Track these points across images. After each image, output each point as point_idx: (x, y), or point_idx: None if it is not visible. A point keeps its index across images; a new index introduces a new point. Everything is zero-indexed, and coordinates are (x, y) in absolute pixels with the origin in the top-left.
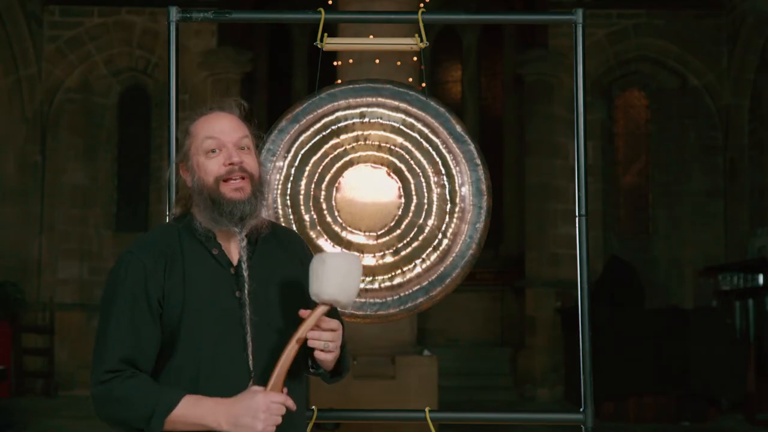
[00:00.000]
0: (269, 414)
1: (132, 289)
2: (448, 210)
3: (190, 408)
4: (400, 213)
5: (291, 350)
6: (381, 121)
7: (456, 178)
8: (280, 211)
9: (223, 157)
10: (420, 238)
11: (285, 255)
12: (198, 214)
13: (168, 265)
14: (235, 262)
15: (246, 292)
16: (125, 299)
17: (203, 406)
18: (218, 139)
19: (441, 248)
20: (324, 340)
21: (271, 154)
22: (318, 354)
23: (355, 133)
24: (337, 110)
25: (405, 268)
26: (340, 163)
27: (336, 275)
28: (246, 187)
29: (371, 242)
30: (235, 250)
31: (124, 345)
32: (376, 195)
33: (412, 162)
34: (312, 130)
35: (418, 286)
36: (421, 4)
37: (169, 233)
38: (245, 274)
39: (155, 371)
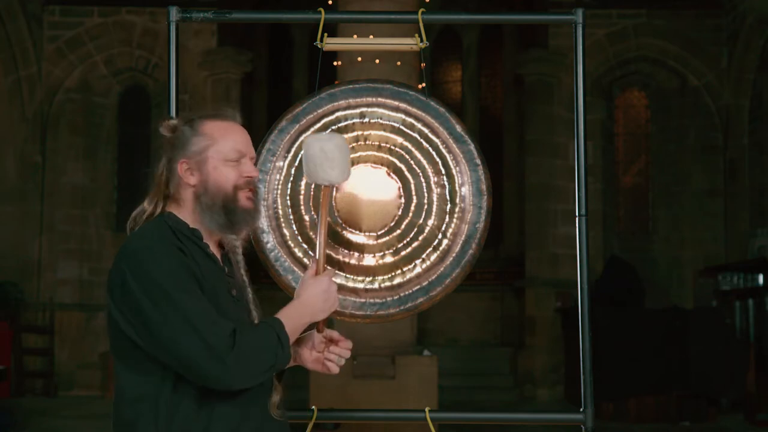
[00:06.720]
0: (330, 291)
1: (180, 272)
2: (448, 210)
3: (290, 323)
4: (400, 213)
5: (324, 233)
6: (381, 121)
7: (456, 178)
8: (280, 211)
9: (243, 169)
10: (420, 238)
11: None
12: (192, 215)
13: (186, 256)
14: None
15: (237, 291)
16: (181, 283)
17: (294, 315)
18: (242, 151)
19: (441, 248)
20: (343, 356)
21: (271, 154)
22: (331, 366)
23: (355, 133)
24: (337, 110)
25: (405, 268)
26: None
27: (339, 158)
28: (253, 198)
29: (371, 242)
30: (214, 252)
31: (212, 311)
32: (376, 195)
33: (412, 162)
34: (312, 130)
35: (418, 286)
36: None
37: (164, 230)
38: (245, 277)
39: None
